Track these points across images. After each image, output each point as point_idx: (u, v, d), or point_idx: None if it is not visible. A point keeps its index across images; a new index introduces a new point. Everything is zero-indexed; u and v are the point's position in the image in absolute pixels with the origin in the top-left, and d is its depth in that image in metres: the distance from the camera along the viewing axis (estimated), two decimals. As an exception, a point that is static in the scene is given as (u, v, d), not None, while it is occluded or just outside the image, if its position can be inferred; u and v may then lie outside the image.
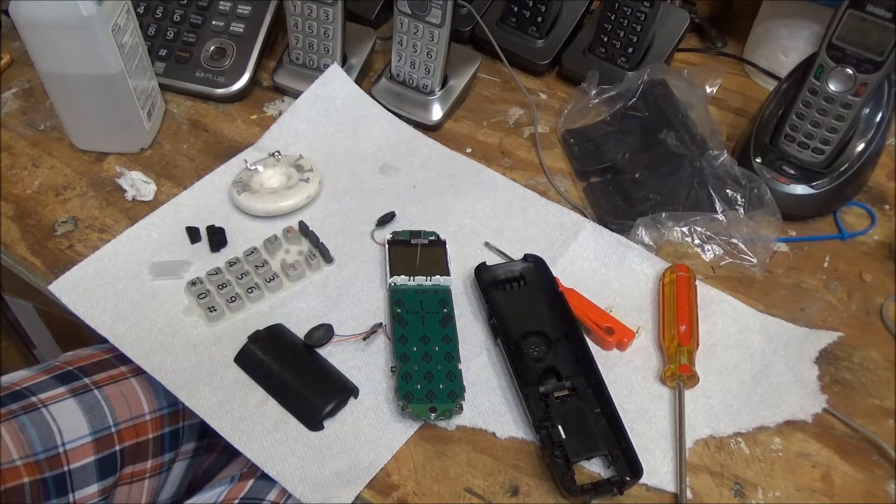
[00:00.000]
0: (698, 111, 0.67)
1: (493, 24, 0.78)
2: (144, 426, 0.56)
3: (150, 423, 0.56)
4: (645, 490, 0.49)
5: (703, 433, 0.51)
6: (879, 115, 0.62)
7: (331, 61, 0.73)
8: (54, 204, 0.64)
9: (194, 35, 0.74)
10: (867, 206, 0.66)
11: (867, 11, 0.55)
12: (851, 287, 0.61)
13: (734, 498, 0.49)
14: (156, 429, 0.56)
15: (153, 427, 0.56)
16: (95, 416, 0.53)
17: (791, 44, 0.74)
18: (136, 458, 0.55)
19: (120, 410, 0.54)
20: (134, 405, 0.55)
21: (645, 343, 0.56)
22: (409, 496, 0.48)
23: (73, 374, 0.55)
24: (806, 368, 0.54)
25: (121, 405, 0.55)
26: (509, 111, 0.75)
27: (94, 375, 0.55)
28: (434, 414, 0.50)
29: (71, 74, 0.61)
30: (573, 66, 0.76)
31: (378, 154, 0.69)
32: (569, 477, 0.47)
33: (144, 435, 0.56)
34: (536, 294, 0.57)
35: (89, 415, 0.53)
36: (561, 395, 0.51)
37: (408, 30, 0.68)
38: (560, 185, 0.68)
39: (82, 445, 0.52)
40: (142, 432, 0.55)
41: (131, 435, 0.55)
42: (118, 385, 0.55)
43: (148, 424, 0.56)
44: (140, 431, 0.55)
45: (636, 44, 0.72)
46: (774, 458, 0.51)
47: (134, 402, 0.56)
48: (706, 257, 0.61)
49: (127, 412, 0.55)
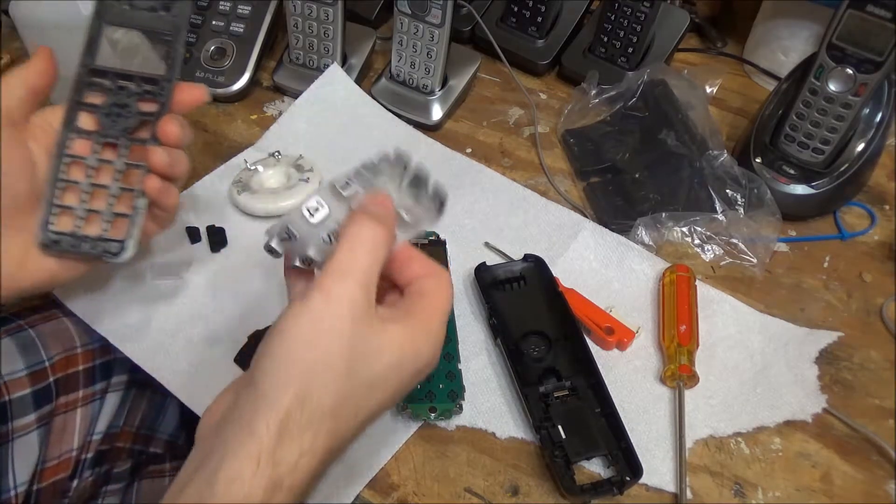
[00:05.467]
0: (698, 111, 0.67)
1: (493, 24, 0.78)
2: (76, 358, 0.58)
3: (80, 356, 0.58)
4: (645, 490, 0.49)
5: (703, 433, 0.51)
6: (879, 115, 0.62)
7: (331, 61, 0.73)
8: (54, 204, 0.64)
9: (194, 35, 0.74)
10: (867, 206, 0.66)
11: (867, 11, 0.55)
12: (851, 287, 0.61)
13: (734, 498, 0.49)
14: (87, 360, 0.59)
15: (84, 359, 0.58)
16: (30, 353, 0.55)
17: (791, 44, 0.74)
18: (67, 389, 0.58)
19: (53, 346, 0.57)
20: (66, 340, 0.58)
21: (645, 343, 0.56)
22: (409, 496, 0.48)
23: (8, 318, 0.57)
24: (806, 368, 0.54)
25: (53, 341, 0.57)
26: (509, 111, 0.75)
27: (29, 317, 0.58)
28: (434, 414, 0.50)
29: (71, 75, 0.60)
30: (573, 66, 0.76)
31: (378, 154, 0.69)
32: (569, 477, 0.47)
33: (75, 367, 0.58)
34: (536, 294, 0.57)
35: (24, 352, 0.55)
36: (561, 395, 0.51)
37: (408, 30, 0.68)
38: (560, 185, 0.68)
39: (19, 378, 0.54)
40: (73, 364, 0.58)
41: (63, 367, 0.57)
42: (51, 324, 0.58)
43: (79, 357, 0.58)
44: (71, 363, 0.58)
45: (636, 44, 0.72)
46: (774, 458, 0.51)
47: (66, 337, 0.58)
48: (706, 257, 0.61)
49: (59, 346, 0.57)
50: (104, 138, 0.46)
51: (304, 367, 0.34)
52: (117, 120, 0.46)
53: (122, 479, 0.61)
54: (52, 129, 0.46)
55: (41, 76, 0.46)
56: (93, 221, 0.47)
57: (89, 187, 0.46)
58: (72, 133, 0.46)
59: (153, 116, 0.47)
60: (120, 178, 0.47)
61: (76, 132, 0.46)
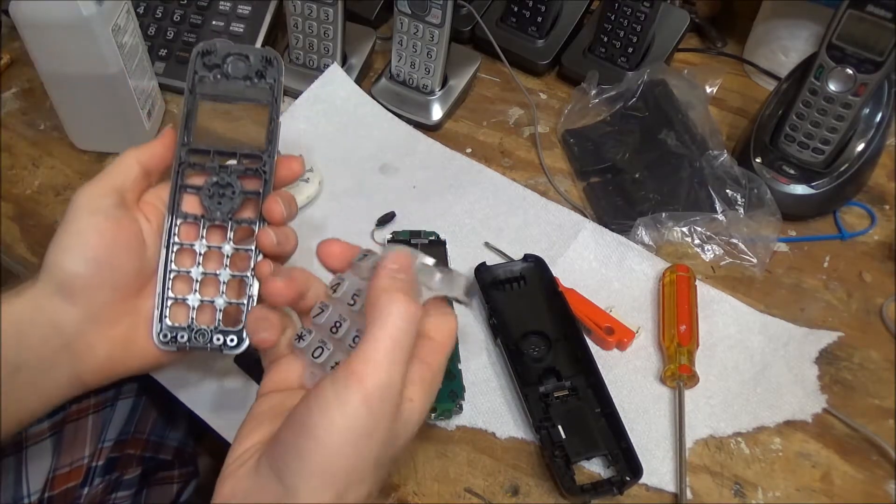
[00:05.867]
0: (698, 111, 0.67)
1: (493, 24, 0.78)
2: None
3: None
4: (645, 490, 0.49)
5: (703, 433, 0.51)
6: (879, 115, 0.62)
7: (331, 61, 0.73)
8: (54, 204, 0.64)
9: (194, 35, 0.74)
10: (867, 206, 0.66)
11: (867, 11, 0.55)
12: (851, 287, 0.61)
13: (734, 498, 0.49)
14: None
15: None
16: None
17: (791, 44, 0.74)
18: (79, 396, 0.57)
19: None
20: None
21: (645, 343, 0.56)
22: (409, 496, 0.48)
23: None
24: (806, 368, 0.54)
25: None
26: (509, 111, 0.75)
27: None
28: (434, 414, 0.50)
29: (71, 74, 0.61)
30: (573, 66, 0.76)
31: (378, 154, 0.69)
32: (569, 477, 0.47)
33: None
34: (536, 294, 0.57)
35: None
36: (561, 395, 0.51)
37: (408, 30, 0.68)
38: (560, 185, 0.68)
39: None
40: None
41: None
42: None
43: None
44: None
45: (636, 44, 0.72)
46: (774, 458, 0.51)
47: None
48: (706, 257, 0.61)
49: None
50: (210, 222, 0.45)
51: (343, 474, 0.33)
52: (222, 201, 0.44)
53: (131, 486, 0.60)
54: (162, 205, 0.45)
55: (158, 159, 0.44)
56: (205, 311, 0.44)
57: (199, 275, 0.44)
58: (178, 219, 0.44)
59: (257, 194, 0.45)
60: (229, 264, 0.45)
61: (182, 217, 0.44)
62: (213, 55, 0.45)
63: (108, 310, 0.42)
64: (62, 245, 0.41)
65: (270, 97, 0.45)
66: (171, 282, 0.44)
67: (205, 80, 0.45)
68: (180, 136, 0.45)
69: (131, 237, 0.43)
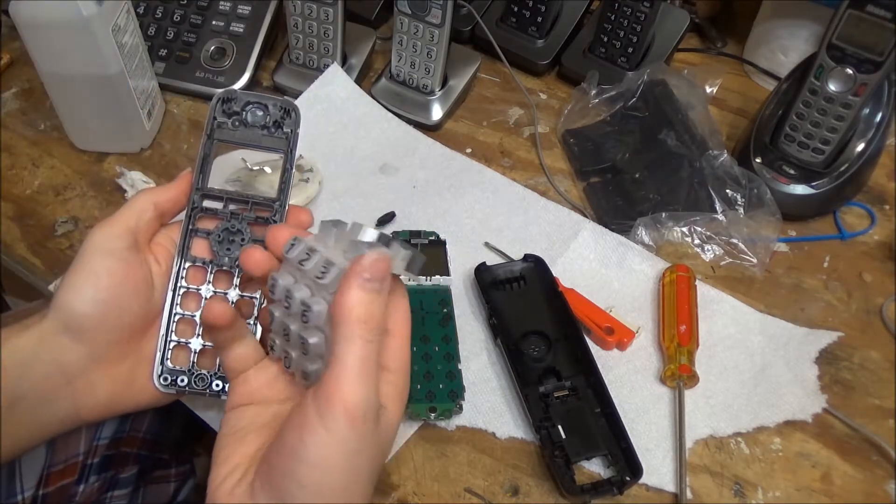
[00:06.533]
0: (698, 111, 0.67)
1: (493, 24, 0.78)
2: None
3: None
4: (645, 490, 0.49)
5: (703, 433, 0.51)
6: (879, 115, 0.62)
7: (331, 61, 0.73)
8: (54, 204, 0.64)
9: (194, 35, 0.74)
10: (867, 206, 0.66)
11: (867, 11, 0.55)
12: (851, 287, 0.61)
13: (734, 498, 0.49)
14: None
15: None
16: None
17: (791, 44, 0.74)
18: None
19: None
20: None
21: (645, 343, 0.56)
22: (409, 496, 0.48)
23: None
24: (806, 368, 0.54)
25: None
26: (509, 111, 0.75)
27: None
28: (434, 414, 0.50)
29: (71, 74, 0.61)
30: (573, 66, 0.76)
31: (378, 154, 0.69)
32: (569, 477, 0.47)
33: None
34: (536, 294, 0.57)
35: None
36: (561, 395, 0.51)
37: (408, 30, 0.68)
38: (560, 185, 0.68)
39: None
40: None
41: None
42: None
43: None
44: None
45: (636, 44, 0.72)
46: (774, 458, 0.51)
47: None
48: (706, 257, 0.61)
49: None
50: (218, 267, 0.45)
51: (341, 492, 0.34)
52: (231, 247, 0.45)
53: (128, 485, 0.60)
54: (172, 246, 0.45)
55: (173, 203, 0.45)
56: (207, 355, 0.45)
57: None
58: (186, 262, 0.44)
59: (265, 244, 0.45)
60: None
61: (190, 260, 0.45)
62: (234, 102, 0.45)
63: (113, 350, 0.42)
64: (74, 285, 0.41)
65: (286, 147, 0.46)
66: (174, 325, 0.44)
67: (223, 126, 0.45)
68: (195, 180, 0.45)
69: (140, 280, 0.43)
